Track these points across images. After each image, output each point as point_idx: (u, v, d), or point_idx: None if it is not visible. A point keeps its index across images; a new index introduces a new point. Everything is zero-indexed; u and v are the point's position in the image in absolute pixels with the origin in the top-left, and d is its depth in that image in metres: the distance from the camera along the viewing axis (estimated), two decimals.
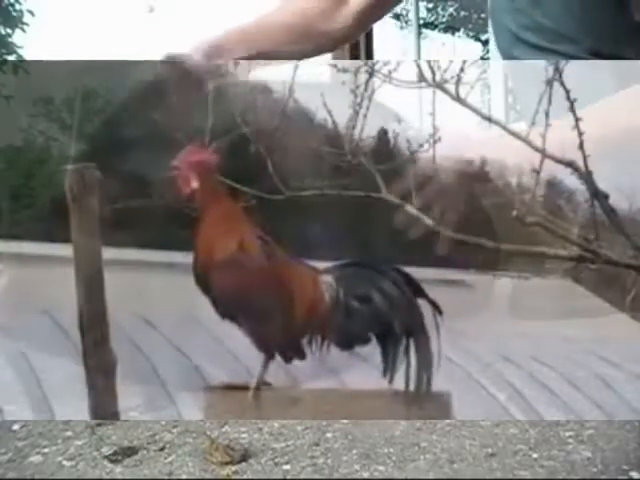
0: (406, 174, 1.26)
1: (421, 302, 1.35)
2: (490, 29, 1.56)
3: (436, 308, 1.34)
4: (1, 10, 6.57)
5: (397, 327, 1.33)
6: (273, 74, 1.58)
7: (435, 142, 1.33)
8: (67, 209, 1.45)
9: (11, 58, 6.57)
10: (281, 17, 1.59)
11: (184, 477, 2.40)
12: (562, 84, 1.23)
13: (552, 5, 1.37)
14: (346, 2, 1.61)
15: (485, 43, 8.15)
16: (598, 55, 1.36)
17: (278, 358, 1.35)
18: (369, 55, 5.64)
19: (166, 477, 2.40)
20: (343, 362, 1.46)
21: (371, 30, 5.09)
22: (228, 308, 1.35)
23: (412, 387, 1.31)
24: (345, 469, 2.46)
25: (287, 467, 2.48)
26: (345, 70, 1.39)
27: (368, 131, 1.44)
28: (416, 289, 1.35)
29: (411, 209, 1.30)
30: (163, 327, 3.46)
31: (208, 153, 1.38)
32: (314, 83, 1.52)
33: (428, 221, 1.29)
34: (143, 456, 2.54)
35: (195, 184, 1.36)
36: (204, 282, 1.35)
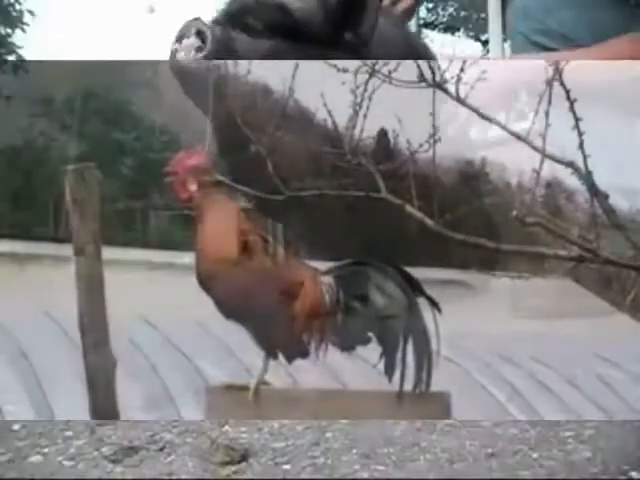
0: None
1: (420, 301, 1.34)
2: (490, 29, 1.57)
3: (435, 306, 1.33)
4: (1, 10, 6.57)
5: (397, 327, 1.33)
6: (273, 74, 1.58)
7: (435, 142, 1.33)
8: (67, 209, 1.45)
9: (11, 58, 6.58)
10: None
11: (184, 477, 2.39)
12: (562, 84, 1.23)
13: (563, 12, 1.40)
14: None
15: (485, 43, 8.15)
16: None
17: (280, 358, 1.35)
18: None
19: (166, 477, 2.39)
20: (343, 362, 1.46)
21: None
22: (232, 308, 1.34)
23: (411, 386, 1.31)
24: (345, 469, 2.46)
25: (287, 467, 2.47)
26: (345, 70, 1.39)
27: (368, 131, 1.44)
28: (415, 288, 1.35)
29: (411, 209, 1.30)
30: (163, 327, 3.46)
31: (203, 155, 1.38)
32: (314, 83, 1.52)
33: (429, 221, 1.30)
34: (143, 456, 2.53)
35: (193, 187, 1.35)
36: (207, 283, 1.34)
